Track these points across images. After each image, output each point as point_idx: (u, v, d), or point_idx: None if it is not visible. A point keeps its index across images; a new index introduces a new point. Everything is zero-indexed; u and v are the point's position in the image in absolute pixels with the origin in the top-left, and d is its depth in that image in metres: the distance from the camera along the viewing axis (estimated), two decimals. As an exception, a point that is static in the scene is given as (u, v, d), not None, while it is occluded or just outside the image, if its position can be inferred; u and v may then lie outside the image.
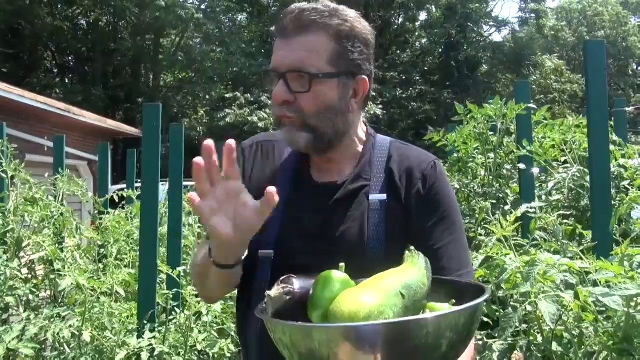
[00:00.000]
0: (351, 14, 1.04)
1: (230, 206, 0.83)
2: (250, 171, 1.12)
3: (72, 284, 2.05)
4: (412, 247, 0.87)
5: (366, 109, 1.12)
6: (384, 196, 1.05)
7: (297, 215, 1.05)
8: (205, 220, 0.82)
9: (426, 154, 1.11)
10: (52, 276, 2.75)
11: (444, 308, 0.80)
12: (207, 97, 20.72)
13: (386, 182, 1.06)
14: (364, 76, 1.05)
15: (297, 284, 0.83)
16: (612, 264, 1.21)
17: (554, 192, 2.48)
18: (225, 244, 0.86)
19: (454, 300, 0.82)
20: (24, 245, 2.81)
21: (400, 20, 28.15)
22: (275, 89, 1.01)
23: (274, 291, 0.82)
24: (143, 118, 2.25)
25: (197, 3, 21.88)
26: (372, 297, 0.73)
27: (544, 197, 2.43)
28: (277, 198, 0.81)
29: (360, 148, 1.11)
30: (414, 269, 0.83)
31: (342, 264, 0.83)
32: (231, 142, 0.80)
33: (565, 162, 2.66)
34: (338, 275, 0.81)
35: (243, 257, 0.96)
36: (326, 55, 1.01)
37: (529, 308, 1.13)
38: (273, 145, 1.15)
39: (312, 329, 0.70)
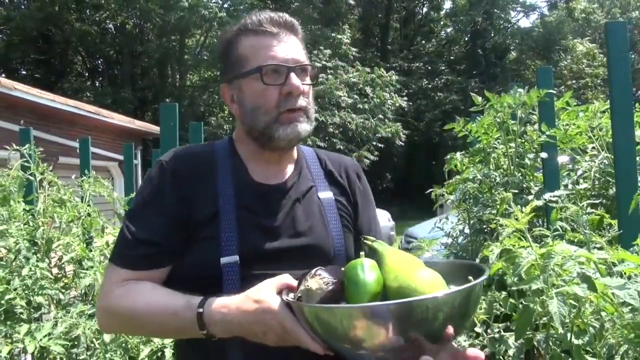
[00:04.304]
0: None
1: None
2: (172, 186, 1.05)
3: (91, 283, 2.10)
4: (367, 236, 0.96)
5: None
6: (330, 194, 1.14)
7: (254, 218, 1.03)
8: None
9: (349, 157, 1.25)
10: (81, 275, 2.82)
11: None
12: (233, 95, 20.84)
13: (327, 181, 1.16)
14: None
15: (328, 275, 0.86)
16: (633, 254, 1.16)
17: (581, 180, 2.40)
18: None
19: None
20: (53, 245, 2.90)
21: (425, 9, 27.78)
22: (295, 81, 1.03)
23: (313, 284, 0.84)
24: (160, 117, 2.27)
25: (220, 2, 22.06)
26: (433, 273, 0.85)
27: (570, 186, 2.35)
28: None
29: (296, 152, 1.18)
30: (400, 250, 0.93)
31: (362, 253, 0.89)
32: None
33: (593, 149, 2.56)
34: (371, 262, 0.87)
35: None
36: (306, 55, 1.10)
37: (539, 308, 1.09)
38: (196, 157, 1.10)
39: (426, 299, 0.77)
